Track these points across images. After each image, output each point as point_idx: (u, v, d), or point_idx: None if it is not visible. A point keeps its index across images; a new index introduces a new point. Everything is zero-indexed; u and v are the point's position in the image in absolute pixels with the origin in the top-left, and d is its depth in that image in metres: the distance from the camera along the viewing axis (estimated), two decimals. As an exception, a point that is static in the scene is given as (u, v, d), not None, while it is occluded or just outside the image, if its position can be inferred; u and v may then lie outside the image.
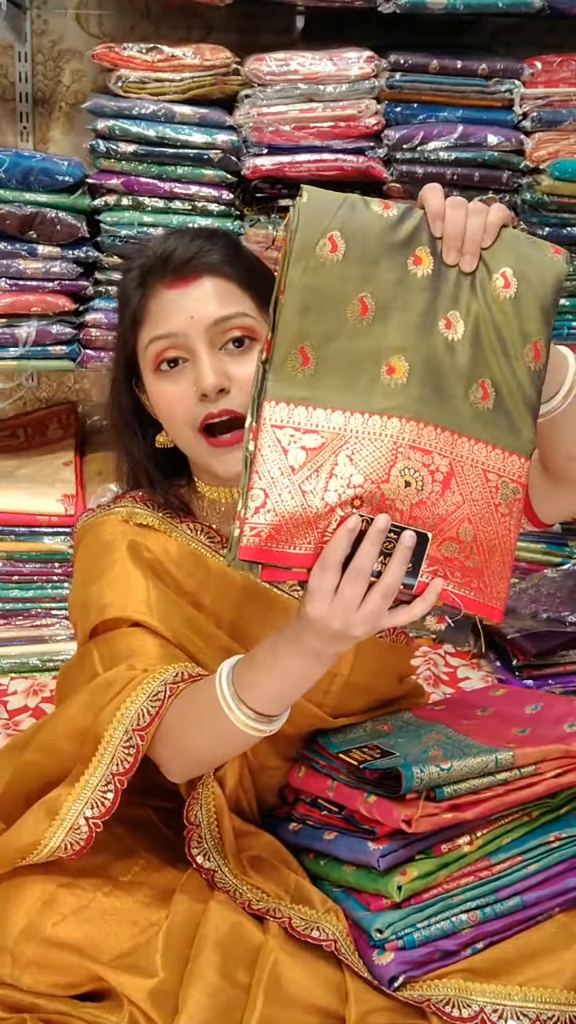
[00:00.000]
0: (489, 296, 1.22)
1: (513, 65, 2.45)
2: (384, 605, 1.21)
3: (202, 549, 1.54)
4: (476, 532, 1.24)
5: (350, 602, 1.20)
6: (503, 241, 1.23)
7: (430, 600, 1.22)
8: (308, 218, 1.18)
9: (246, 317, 1.44)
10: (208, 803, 1.52)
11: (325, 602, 1.20)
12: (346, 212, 1.19)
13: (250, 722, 1.32)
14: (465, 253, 1.22)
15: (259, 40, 2.66)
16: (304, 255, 1.18)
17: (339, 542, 1.18)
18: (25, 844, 1.40)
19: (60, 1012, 1.36)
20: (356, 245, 1.19)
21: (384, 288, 1.20)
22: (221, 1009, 1.31)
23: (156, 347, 1.45)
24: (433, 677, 2.42)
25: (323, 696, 1.56)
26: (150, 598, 1.48)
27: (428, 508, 1.21)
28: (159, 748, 1.41)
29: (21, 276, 2.41)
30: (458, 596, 1.24)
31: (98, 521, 1.56)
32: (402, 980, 1.34)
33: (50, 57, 2.72)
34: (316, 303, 1.19)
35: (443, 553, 1.23)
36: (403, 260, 1.21)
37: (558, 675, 2.43)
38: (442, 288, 1.22)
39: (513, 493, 1.25)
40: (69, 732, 1.44)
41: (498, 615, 1.26)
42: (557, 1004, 1.32)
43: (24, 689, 2.37)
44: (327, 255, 1.19)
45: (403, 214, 1.21)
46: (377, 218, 1.20)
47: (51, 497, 2.52)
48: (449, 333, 1.22)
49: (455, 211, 1.21)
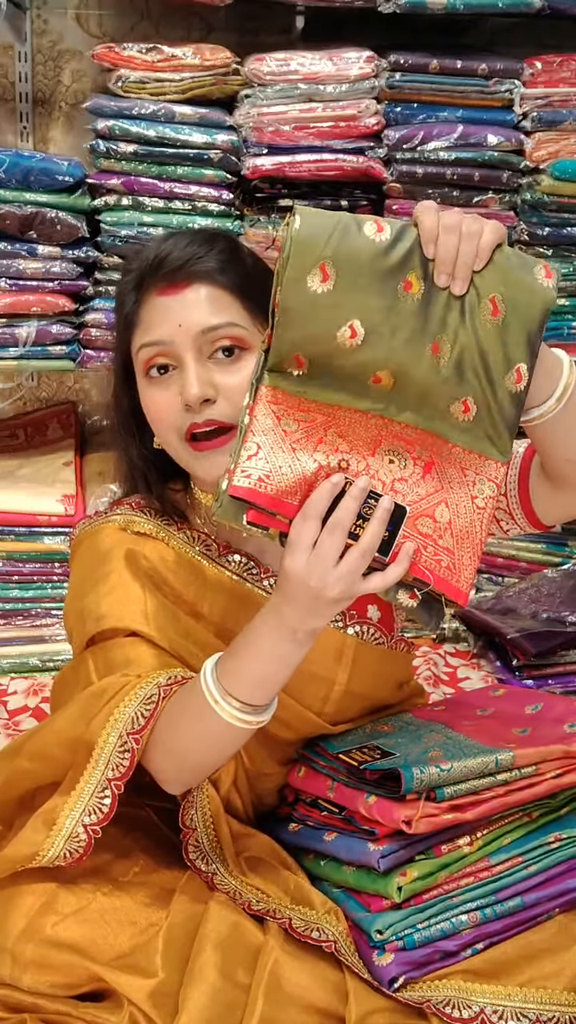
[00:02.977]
0: (477, 321, 1.23)
1: (513, 65, 2.45)
2: (361, 565, 1.23)
3: (199, 557, 1.54)
4: (451, 516, 1.28)
5: (327, 555, 1.22)
6: (495, 264, 1.23)
7: (403, 563, 1.26)
8: (300, 246, 1.18)
9: (236, 327, 1.43)
10: (203, 806, 1.52)
11: (304, 555, 1.23)
12: (338, 238, 1.19)
13: (237, 713, 1.33)
14: (456, 277, 1.22)
15: (259, 40, 2.66)
16: (294, 284, 1.19)
17: (321, 494, 1.23)
18: (24, 855, 1.40)
19: (60, 1012, 1.36)
20: (347, 273, 1.19)
21: (373, 314, 1.21)
22: (221, 1009, 1.31)
23: (145, 353, 1.45)
24: (433, 677, 2.42)
25: (322, 704, 1.56)
26: (147, 608, 1.47)
27: (408, 485, 1.27)
28: (153, 754, 1.41)
29: (21, 276, 2.41)
30: (428, 571, 1.28)
31: (95, 529, 1.56)
32: (402, 981, 1.34)
33: (50, 57, 2.72)
34: (305, 325, 1.20)
35: (418, 527, 1.27)
36: (394, 286, 1.21)
37: (558, 675, 2.43)
38: (431, 313, 1.22)
39: (490, 490, 1.29)
40: (62, 741, 1.44)
41: (463, 599, 1.31)
42: (557, 1005, 1.32)
43: (24, 689, 2.37)
44: (318, 284, 1.19)
45: (396, 235, 1.21)
46: (369, 244, 1.20)
47: (51, 497, 2.52)
48: (436, 358, 1.23)
49: (448, 235, 1.21)
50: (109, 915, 1.40)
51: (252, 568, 1.54)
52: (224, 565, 1.54)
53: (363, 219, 1.21)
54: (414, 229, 1.22)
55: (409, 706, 1.71)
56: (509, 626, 2.47)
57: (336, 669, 1.55)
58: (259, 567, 1.55)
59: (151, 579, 1.51)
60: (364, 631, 1.56)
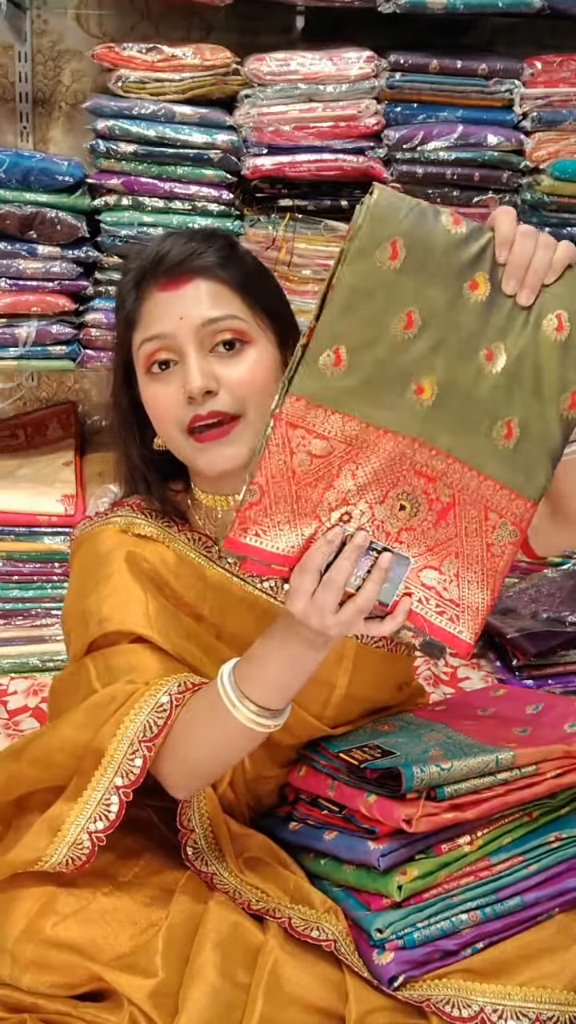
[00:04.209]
0: (540, 336, 1.19)
1: (513, 65, 2.45)
2: (357, 618, 1.25)
3: (200, 560, 1.54)
4: (460, 567, 1.25)
5: (325, 607, 1.24)
6: (566, 281, 1.20)
7: (398, 620, 1.26)
8: (374, 218, 1.15)
9: (237, 320, 1.43)
10: (201, 807, 1.52)
11: (303, 602, 1.24)
12: (414, 219, 1.16)
13: (254, 716, 1.33)
14: (526, 286, 1.19)
15: (259, 40, 2.66)
16: (361, 256, 1.15)
17: (319, 550, 1.23)
18: (26, 860, 1.40)
19: (60, 1012, 1.36)
20: (417, 257, 1.16)
21: (434, 306, 1.17)
22: (221, 1009, 1.31)
23: (147, 348, 1.45)
24: (433, 677, 2.42)
25: (322, 708, 1.56)
26: (149, 610, 1.47)
27: (416, 534, 1.23)
28: (163, 762, 1.41)
29: (21, 276, 2.41)
30: (427, 622, 1.26)
31: (95, 531, 1.55)
32: (402, 980, 1.34)
33: (50, 57, 2.72)
34: (362, 307, 1.16)
35: (422, 579, 1.25)
36: (461, 282, 1.18)
37: (558, 675, 2.43)
38: (493, 318, 1.19)
39: (510, 536, 1.24)
40: (66, 747, 1.44)
41: (466, 648, 1.27)
42: (557, 1004, 1.32)
43: (24, 689, 2.37)
44: (385, 261, 1.15)
45: (471, 233, 1.18)
46: (444, 233, 1.17)
47: (51, 497, 2.52)
48: (488, 365, 1.19)
49: (524, 241, 1.19)
50: (109, 915, 1.40)
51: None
52: (225, 567, 1.54)
53: (441, 209, 1.18)
54: (490, 232, 1.19)
55: (410, 706, 1.71)
56: (509, 626, 2.48)
57: (337, 672, 1.55)
58: (260, 568, 1.55)
59: (152, 581, 1.51)
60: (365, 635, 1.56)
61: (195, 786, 1.48)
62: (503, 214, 1.20)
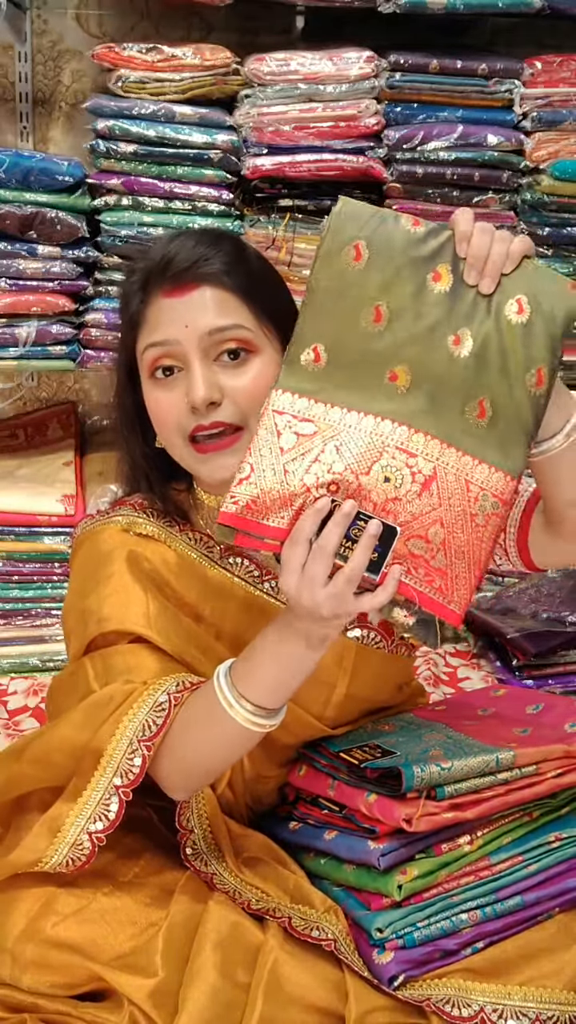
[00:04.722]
0: (502, 320, 1.26)
1: (513, 65, 2.45)
2: (348, 589, 1.25)
3: (201, 560, 1.54)
4: (446, 536, 1.27)
5: (315, 578, 1.25)
6: (523, 270, 1.27)
7: (390, 588, 1.27)
8: (339, 225, 1.25)
9: (242, 329, 1.42)
10: (200, 807, 1.52)
11: (294, 576, 1.25)
12: (375, 223, 1.25)
13: (250, 716, 1.34)
14: (486, 275, 1.25)
15: (259, 40, 2.66)
16: (329, 259, 1.25)
17: (307, 519, 1.25)
18: (26, 861, 1.40)
19: (60, 1012, 1.36)
20: (379, 255, 1.25)
21: (400, 299, 1.25)
22: (221, 1009, 1.31)
23: (151, 354, 1.44)
24: (433, 677, 2.42)
25: (323, 708, 1.56)
26: (149, 611, 1.47)
27: (402, 504, 1.26)
28: (161, 761, 1.41)
29: (21, 276, 2.41)
30: (417, 592, 1.28)
31: (97, 530, 1.55)
32: (402, 979, 1.34)
33: (50, 57, 2.72)
34: (334, 305, 1.26)
35: (409, 549, 1.27)
36: (423, 274, 1.26)
37: (558, 675, 2.43)
38: (457, 306, 1.26)
39: (492, 507, 1.28)
40: (65, 748, 1.44)
41: (456, 619, 1.30)
42: (557, 1004, 1.32)
43: (24, 689, 2.37)
44: (350, 262, 1.25)
45: (430, 232, 1.26)
46: (404, 232, 1.26)
47: (51, 497, 2.52)
48: (456, 349, 1.26)
49: (482, 235, 1.26)
50: (109, 915, 1.41)
51: (254, 570, 1.54)
52: (226, 567, 1.54)
53: (401, 215, 1.27)
54: (449, 230, 1.27)
55: (410, 706, 1.71)
56: (509, 626, 2.48)
57: (337, 673, 1.55)
58: (261, 569, 1.55)
59: (153, 581, 1.50)
60: (365, 635, 1.56)
61: (193, 786, 1.47)
62: (461, 213, 1.27)
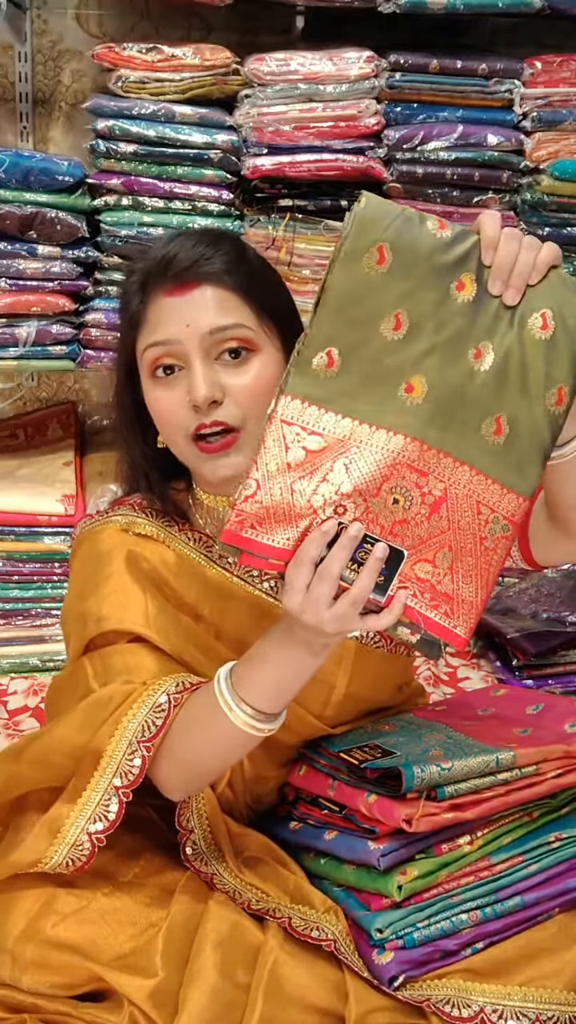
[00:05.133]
0: (525, 334, 1.22)
1: (513, 65, 2.45)
2: (352, 611, 1.24)
3: (200, 559, 1.54)
4: (454, 560, 1.25)
5: (320, 600, 1.23)
6: (550, 282, 1.23)
7: (395, 613, 1.25)
8: (361, 225, 1.18)
9: (243, 328, 1.42)
10: (200, 807, 1.52)
11: (298, 596, 1.23)
12: (399, 225, 1.19)
13: (250, 720, 1.33)
14: (511, 286, 1.21)
15: (259, 40, 2.66)
16: (350, 261, 1.18)
17: (313, 542, 1.22)
18: (26, 862, 1.40)
19: (60, 1012, 1.36)
20: (403, 260, 1.19)
21: (422, 307, 1.20)
22: (221, 1009, 1.31)
23: (152, 353, 1.44)
24: (433, 677, 2.42)
25: (322, 708, 1.56)
26: (148, 610, 1.47)
27: (410, 527, 1.24)
28: (159, 762, 1.41)
29: (21, 276, 2.41)
30: (422, 616, 1.26)
31: (96, 530, 1.55)
32: (402, 980, 1.34)
33: (50, 57, 2.72)
34: (352, 310, 1.19)
35: (416, 573, 1.25)
36: (447, 283, 1.20)
37: (558, 675, 2.42)
38: (479, 318, 1.21)
39: (503, 530, 1.26)
40: (64, 749, 1.44)
41: (461, 643, 1.29)
42: (557, 1004, 1.32)
43: (24, 689, 2.37)
44: (373, 265, 1.19)
45: (456, 237, 1.21)
46: (430, 237, 1.20)
47: (51, 497, 2.52)
48: (477, 363, 1.22)
49: (508, 243, 1.21)
50: (109, 915, 1.40)
51: (253, 570, 1.54)
52: (225, 567, 1.54)
53: (427, 216, 1.21)
54: (475, 235, 1.22)
55: (410, 706, 1.71)
56: (509, 626, 2.47)
57: (336, 673, 1.55)
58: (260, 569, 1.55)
59: (152, 581, 1.50)
60: (364, 635, 1.56)
61: (192, 787, 1.47)
62: (488, 218, 1.22)
